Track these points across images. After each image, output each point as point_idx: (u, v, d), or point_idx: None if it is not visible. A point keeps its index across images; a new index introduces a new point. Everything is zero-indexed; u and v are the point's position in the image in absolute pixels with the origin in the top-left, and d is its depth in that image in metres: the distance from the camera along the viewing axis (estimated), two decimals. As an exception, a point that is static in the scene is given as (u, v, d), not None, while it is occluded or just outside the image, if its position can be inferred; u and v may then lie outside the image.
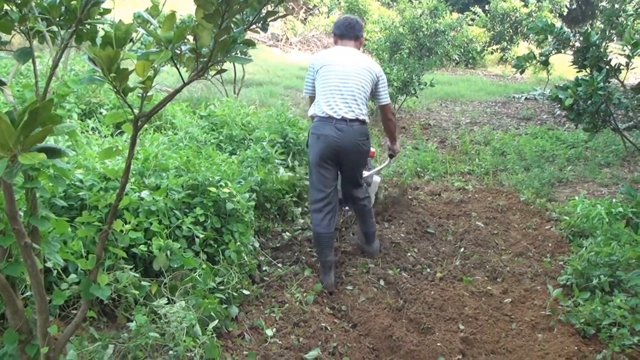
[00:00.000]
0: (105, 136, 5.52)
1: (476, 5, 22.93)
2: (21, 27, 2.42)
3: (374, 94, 5.18)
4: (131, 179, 4.34)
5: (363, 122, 4.97)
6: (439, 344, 3.95)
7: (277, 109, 7.31)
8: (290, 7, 22.43)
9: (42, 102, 1.71)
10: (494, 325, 4.32)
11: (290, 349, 3.78)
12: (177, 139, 5.89)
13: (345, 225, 5.97)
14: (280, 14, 2.42)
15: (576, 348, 3.93)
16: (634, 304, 4.14)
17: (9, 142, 1.68)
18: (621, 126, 7.41)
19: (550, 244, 5.75)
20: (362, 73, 4.93)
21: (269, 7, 2.34)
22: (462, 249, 5.62)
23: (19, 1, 2.29)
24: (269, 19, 2.37)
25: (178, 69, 2.39)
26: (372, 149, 6.59)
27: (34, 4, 2.40)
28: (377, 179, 6.28)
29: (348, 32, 5.07)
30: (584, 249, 5.12)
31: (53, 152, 1.85)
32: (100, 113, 6.42)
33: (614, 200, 6.19)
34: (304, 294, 4.45)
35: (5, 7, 2.31)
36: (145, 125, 6.19)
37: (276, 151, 6.08)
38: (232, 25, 2.27)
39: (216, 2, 2.11)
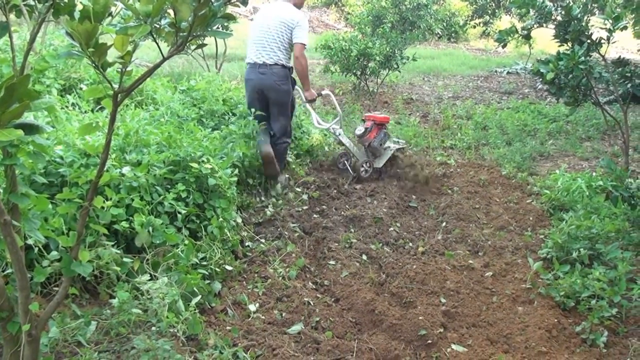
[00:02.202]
0: (85, 112, 5.45)
1: (459, -21, 22.87)
2: (-4, 1, 2.38)
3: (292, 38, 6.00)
4: (112, 155, 4.30)
5: (282, 66, 5.97)
6: (420, 318, 3.98)
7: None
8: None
9: (19, 78, 1.68)
10: (475, 299, 4.36)
11: (273, 324, 3.80)
12: (158, 114, 5.84)
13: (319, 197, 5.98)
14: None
15: (556, 320, 3.97)
16: (613, 276, 4.19)
17: (-15, 119, 1.66)
18: (602, 100, 7.45)
19: (531, 218, 5.80)
20: (279, 26, 5.91)
21: (250, -19, 2.32)
22: (444, 224, 5.66)
23: (-6, -26, 2.25)
24: (249, -7, 2.35)
25: (157, 44, 2.36)
26: (386, 115, 6.73)
27: (9, -23, 2.36)
28: (392, 147, 6.85)
29: None
30: (564, 222, 5.17)
31: (31, 129, 1.82)
32: (80, 89, 6.34)
33: (594, 174, 6.24)
34: (287, 269, 4.46)
35: (-21, -20, 2.27)
36: (126, 101, 6.15)
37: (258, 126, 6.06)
38: (212, -1, 2.24)
39: (196, -25, 2.09)
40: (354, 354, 3.55)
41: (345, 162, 6.80)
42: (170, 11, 2.25)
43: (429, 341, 3.79)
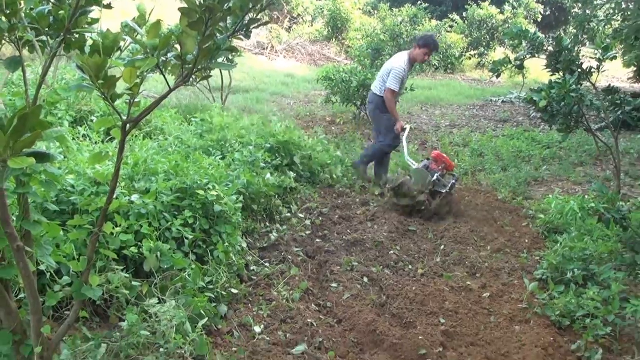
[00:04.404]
0: (96, 142, 5.50)
1: (454, 13, 23.08)
2: (11, 37, 2.41)
3: None
4: (121, 184, 4.32)
5: (377, 95, 7.62)
6: (420, 338, 3.96)
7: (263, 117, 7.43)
8: (275, 16, 22.45)
9: (31, 108, 1.71)
10: (473, 319, 4.34)
11: (277, 345, 3.78)
12: (166, 144, 5.88)
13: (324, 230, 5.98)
14: (263, 22, 2.43)
15: (552, 339, 3.96)
16: (607, 296, 4.18)
17: (-1, 148, 1.68)
18: (593, 127, 7.48)
19: (526, 240, 5.80)
20: (385, 67, 7.68)
21: (252, 15, 2.35)
22: (442, 246, 5.65)
23: (8, 11, 2.28)
24: (252, 27, 2.38)
25: (164, 76, 2.39)
26: (452, 163, 6.77)
27: (23, 14, 2.40)
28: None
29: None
30: (558, 244, 5.17)
31: (42, 157, 1.85)
32: (91, 121, 6.40)
33: (586, 197, 6.24)
34: (291, 292, 4.45)
35: (-6, 17, 2.31)
36: (135, 132, 6.20)
37: (262, 155, 6.10)
38: (216, 33, 2.28)
39: (200, 10, 2.12)
40: (356, 374, 3.54)
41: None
42: (178, 47, 2.29)
43: (429, 360, 3.78)
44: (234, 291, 4.23)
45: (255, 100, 12.48)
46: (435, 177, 6.52)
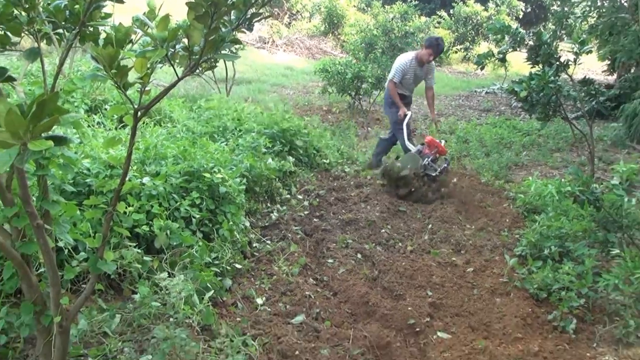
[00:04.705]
0: (109, 129, 5.47)
1: (442, 10, 22.99)
2: (30, 30, 2.40)
3: None
4: (133, 167, 4.31)
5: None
6: (409, 309, 3.98)
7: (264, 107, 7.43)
8: (275, 12, 22.32)
9: (49, 95, 1.69)
10: (458, 292, 4.36)
11: (278, 315, 3.80)
12: (175, 131, 5.86)
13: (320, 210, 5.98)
14: (264, 16, 2.41)
15: (530, 310, 3.98)
16: (581, 270, 4.20)
17: (19, 131, 1.67)
18: (570, 116, 7.46)
19: (507, 220, 5.80)
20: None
21: (254, 9, 2.33)
22: (430, 225, 5.65)
23: (27, 5, 2.27)
24: (253, 20, 2.36)
25: (173, 66, 2.38)
26: (444, 148, 6.71)
27: (41, 8, 2.38)
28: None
29: None
30: (536, 223, 5.18)
31: (60, 140, 1.84)
32: (105, 109, 6.37)
33: (563, 180, 6.25)
34: (290, 267, 4.46)
35: (15, 11, 2.29)
36: (146, 119, 6.18)
37: (264, 140, 6.09)
38: (221, 26, 2.26)
39: (206, 4, 2.10)
40: (350, 341, 3.55)
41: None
42: (185, 40, 2.28)
43: (417, 329, 3.79)
44: (238, 266, 4.24)
45: (257, 91, 12.42)
46: (425, 161, 6.50)
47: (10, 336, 3.07)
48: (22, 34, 2.37)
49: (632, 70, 11.47)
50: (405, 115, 7.22)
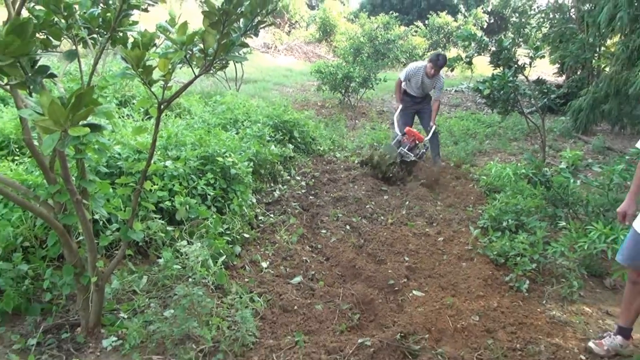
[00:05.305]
0: (137, 120, 5.44)
1: (418, 20, 22.90)
2: (68, 34, 2.38)
3: None
4: (157, 152, 4.29)
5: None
6: (390, 271, 3.99)
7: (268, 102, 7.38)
8: (277, 21, 22.14)
9: (86, 89, 1.68)
10: (430, 257, 4.37)
11: (280, 277, 3.81)
12: (192, 122, 5.83)
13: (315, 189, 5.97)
14: (268, 23, 2.40)
15: (490, 272, 4.00)
16: (533, 240, 4.22)
17: (60, 120, 1.66)
18: (526, 111, 7.47)
19: (472, 198, 5.82)
20: None
21: (260, 18, 2.32)
22: (407, 202, 5.66)
23: (66, 13, 2.25)
24: (259, 27, 2.35)
25: (191, 66, 2.37)
26: (421, 136, 6.62)
27: (77, 16, 2.36)
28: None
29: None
30: (496, 200, 5.19)
31: (95, 127, 1.83)
32: (133, 103, 6.33)
33: (519, 164, 6.27)
34: (290, 236, 4.46)
35: (55, 18, 2.28)
36: (168, 112, 6.13)
37: (268, 130, 6.07)
38: (231, 32, 2.25)
39: (218, 13, 2.09)
40: (340, 298, 3.57)
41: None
42: (201, 44, 2.26)
43: (396, 288, 3.81)
44: (246, 235, 4.24)
45: (262, 89, 12.34)
46: (401, 150, 6.46)
47: (54, 294, 3.09)
48: (62, 38, 2.36)
49: (579, 73, 11.45)
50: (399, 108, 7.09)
